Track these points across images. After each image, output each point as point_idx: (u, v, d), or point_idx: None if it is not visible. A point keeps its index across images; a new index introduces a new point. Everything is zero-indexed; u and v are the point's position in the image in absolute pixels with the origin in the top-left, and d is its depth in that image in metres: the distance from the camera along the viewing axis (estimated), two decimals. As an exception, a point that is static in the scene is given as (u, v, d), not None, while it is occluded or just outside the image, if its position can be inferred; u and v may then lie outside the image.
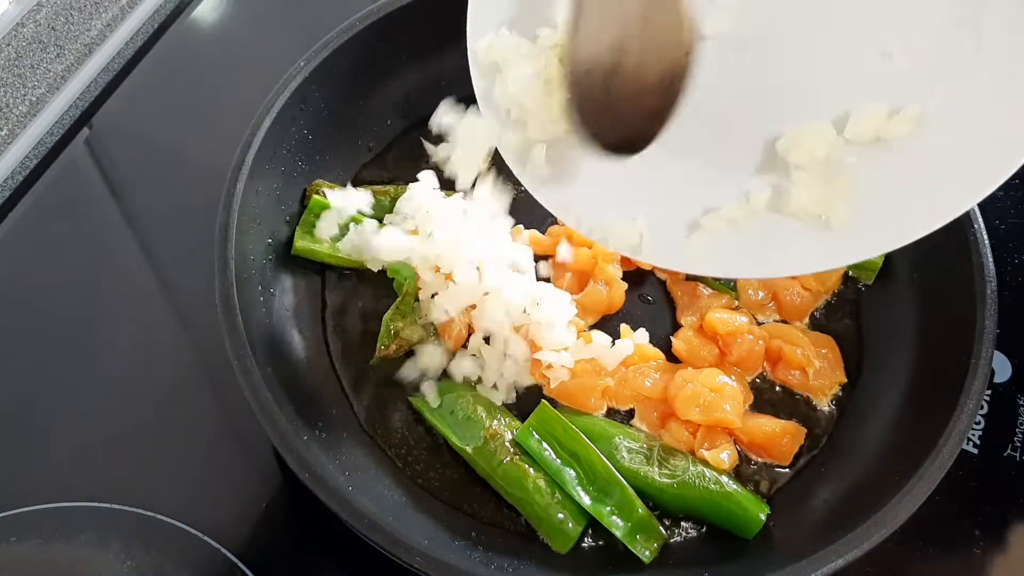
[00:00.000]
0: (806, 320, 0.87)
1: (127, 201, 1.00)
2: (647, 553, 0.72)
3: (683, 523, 0.76)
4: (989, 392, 0.87)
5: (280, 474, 0.81)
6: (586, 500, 0.74)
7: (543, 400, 0.79)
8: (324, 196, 0.88)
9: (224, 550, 0.74)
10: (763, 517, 0.73)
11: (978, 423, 0.86)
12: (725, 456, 0.76)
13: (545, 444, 0.76)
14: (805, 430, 0.80)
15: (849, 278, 0.89)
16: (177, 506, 0.76)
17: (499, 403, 0.81)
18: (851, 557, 0.64)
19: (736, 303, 0.87)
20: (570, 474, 0.75)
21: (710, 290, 0.88)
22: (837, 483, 0.76)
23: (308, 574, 0.78)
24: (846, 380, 0.84)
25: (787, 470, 0.79)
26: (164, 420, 0.85)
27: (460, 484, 0.78)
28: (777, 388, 0.84)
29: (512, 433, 0.77)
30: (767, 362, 0.84)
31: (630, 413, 0.82)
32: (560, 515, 0.73)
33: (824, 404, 0.83)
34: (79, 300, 0.92)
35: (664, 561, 0.73)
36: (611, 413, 0.82)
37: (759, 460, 0.80)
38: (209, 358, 0.88)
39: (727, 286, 0.88)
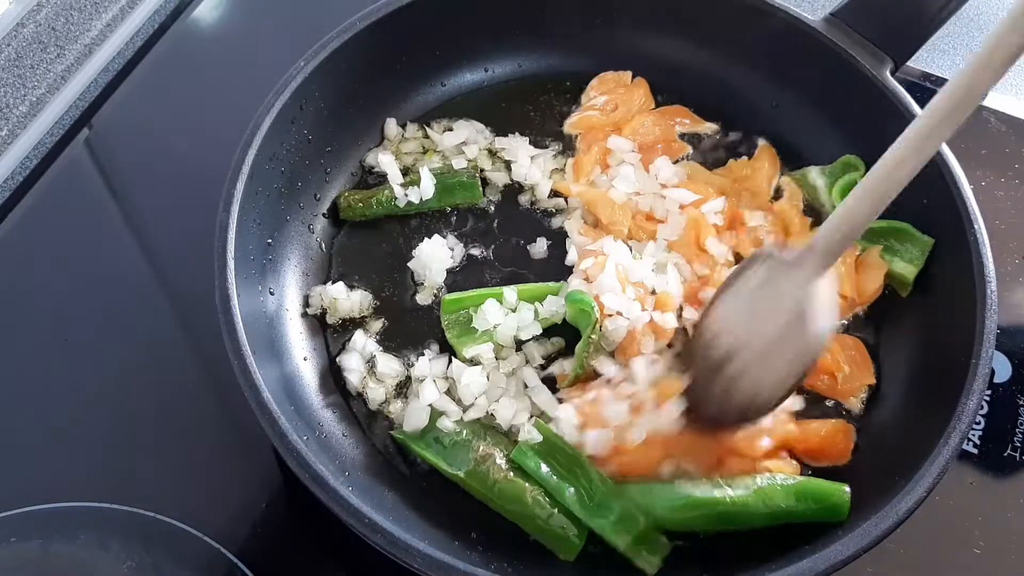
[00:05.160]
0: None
1: (127, 201, 1.00)
2: (650, 566, 0.72)
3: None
4: (989, 392, 0.87)
5: (280, 474, 0.81)
6: (586, 516, 0.72)
7: (535, 418, 0.78)
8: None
9: (224, 550, 0.74)
10: (847, 490, 0.71)
11: (978, 423, 0.86)
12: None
13: (542, 462, 0.74)
14: (854, 427, 0.79)
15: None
16: (177, 506, 0.76)
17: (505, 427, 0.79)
18: (852, 556, 0.64)
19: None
20: (569, 491, 0.73)
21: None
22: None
23: (308, 574, 0.78)
24: (875, 381, 0.82)
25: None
26: (164, 420, 0.85)
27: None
28: (804, 394, 0.82)
29: (502, 452, 0.76)
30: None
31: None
32: (562, 525, 0.73)
33: (856, 407, 0.81)
34: (79, 300, 0.92)
35: (665, 563, 0.73)
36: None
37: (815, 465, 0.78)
38: (209, 358, 0.88)
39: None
